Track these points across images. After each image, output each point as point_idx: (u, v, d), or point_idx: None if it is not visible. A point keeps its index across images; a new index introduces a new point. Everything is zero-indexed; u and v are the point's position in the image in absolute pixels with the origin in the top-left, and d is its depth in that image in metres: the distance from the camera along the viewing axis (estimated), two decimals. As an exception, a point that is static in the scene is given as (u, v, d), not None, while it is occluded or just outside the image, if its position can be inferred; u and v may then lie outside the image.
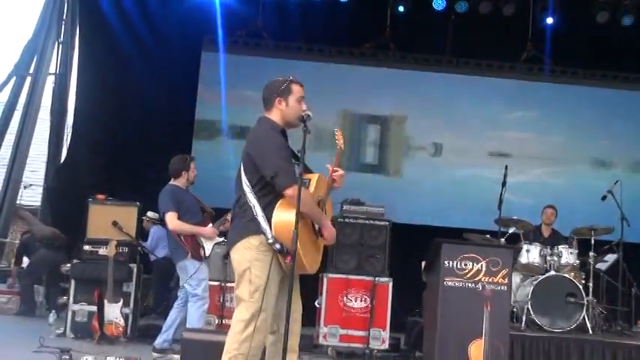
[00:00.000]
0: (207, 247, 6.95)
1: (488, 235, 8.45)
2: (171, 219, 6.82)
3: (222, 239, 7.03)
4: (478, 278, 6.10)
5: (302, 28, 11.79)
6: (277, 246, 4.21)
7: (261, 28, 11.90)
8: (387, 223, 8.19)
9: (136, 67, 11.68)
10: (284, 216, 4.24)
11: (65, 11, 11.86)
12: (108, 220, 8.25)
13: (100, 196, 8.48)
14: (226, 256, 7.61)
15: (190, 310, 6.81)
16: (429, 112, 12.23)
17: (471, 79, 12.34)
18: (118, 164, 11.62)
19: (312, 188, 4.38)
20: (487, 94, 12.38)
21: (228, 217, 6.78)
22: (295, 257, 4.12)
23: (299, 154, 4.28)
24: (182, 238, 6.84)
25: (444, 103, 12.27)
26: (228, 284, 8.07)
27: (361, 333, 7.81)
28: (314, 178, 4.45)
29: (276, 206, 4.28)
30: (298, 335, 4.51)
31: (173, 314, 7.10)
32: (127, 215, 8.39)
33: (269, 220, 4.27)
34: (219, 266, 7.87)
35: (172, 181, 7.17)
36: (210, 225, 7.06)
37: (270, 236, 4.24)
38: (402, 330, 8.99)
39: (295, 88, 4.46)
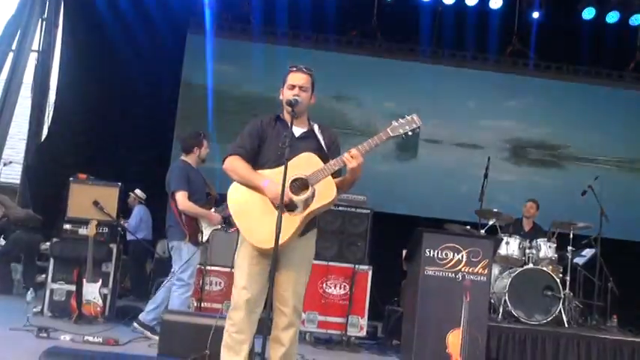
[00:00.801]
0: (206, 232, 6.84)
1: (468, 227, 8.51)
2: (183, 199, 6.66)
3: (220, 225, 6.96)
4: (458, 268, 6.14)
5: (289, 14, 11.74)
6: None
7: (248, 13, 11.84)
8: (369, 211, 8.21)
9: (120, 47, 11.57)
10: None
11: (49, -13, 11.74)
12: (89, 200, 8.18)
13: (82, 176, 8.40)
14: (207, 240, 7.59)
15: (173, 295, 6.74)
16: (412, 101, 12.19)
17: (456, 70, 12.37)
18: (100, 144, 11.54)
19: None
20: (471, 87, 12.43)
21: None
22: (280, 237, 4.06)
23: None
24: (183, 219, 6.71)
25: (428, 94, 12.27)
26: (209, 267, 8.07)
27: (339, 320, 7.83)
28: (299, 156, 4.33)
29: None
30: (287, 328, 4.39)
31: (162, 293, 7.04)
32: (108, 195, 8.31)
33: None
34: (200, 250, 7.86)
35: (184, 157, 7.02)
36: (213, 209, 6.96)
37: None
38: (380, 318, 9.05)
39: (289, 76, 4.51)
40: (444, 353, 5.83)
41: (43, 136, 11.93)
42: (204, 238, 6.86)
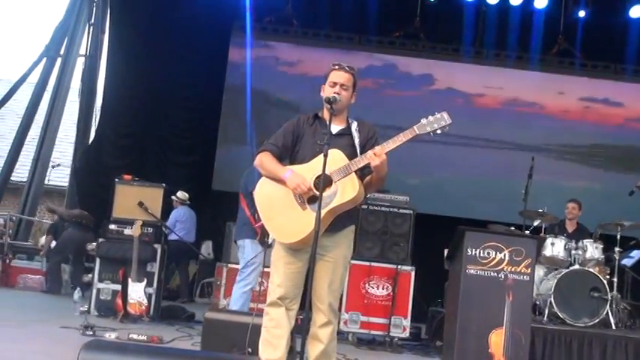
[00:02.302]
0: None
1: (512, 228, 8.38)
2: None
3: None
4: (500, 267, 6.04)
5: (331, 15, 11.79)
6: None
7: (290, 15, 11.91)
8: (412, 211, 8.17)
9: (165, 52, 11.76)
10: None
11: (97, -7, 11.99)
12: (134, 201, 8.29)
13: (127, 177, 8.53)
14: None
15: (234, 289, 6.94)
16: (455, 102, 12.10)
17: (500, 70, 12.26)
18: (145, 146, 11.72)
19: (312, 161, 4.31)
20: (516, 87, 12.29)
21: None
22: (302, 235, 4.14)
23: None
24: (255, 219, 6.76)
25: (471, 95, 12.19)
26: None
27: (382, 320, 7.80)
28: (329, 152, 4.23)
29: None
30: (324, 326, 4.36)
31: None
32: (152, 196, 8.42)
33: None
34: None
35: None
36: None
37: None
38: (423, 320, 9.00)
39: (331, 74, 4.48)
40: (486, 353, 5.76)
41: (91, 139, 12.14)
42: (270, 241, 6.92)
